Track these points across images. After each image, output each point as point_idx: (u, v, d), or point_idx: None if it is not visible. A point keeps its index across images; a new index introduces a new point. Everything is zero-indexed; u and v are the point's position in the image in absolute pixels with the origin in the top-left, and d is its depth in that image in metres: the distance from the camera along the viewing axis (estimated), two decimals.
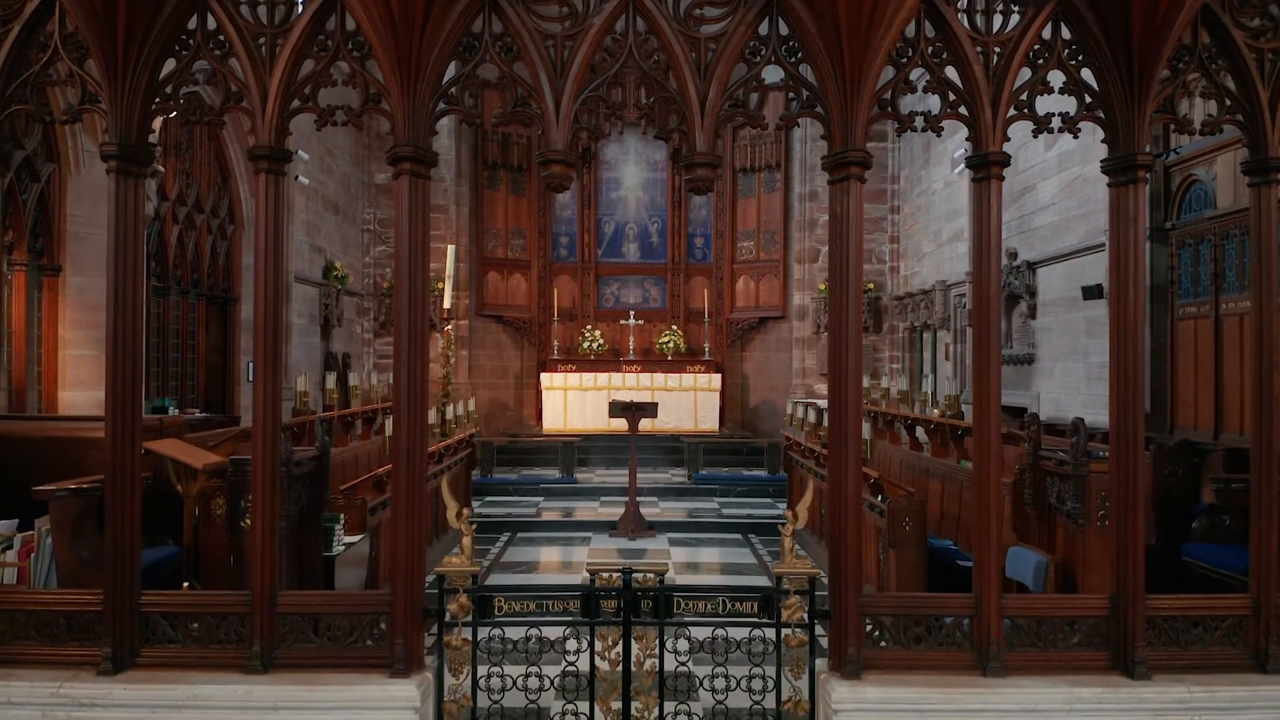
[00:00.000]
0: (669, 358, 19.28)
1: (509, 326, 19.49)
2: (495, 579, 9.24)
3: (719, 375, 18.80)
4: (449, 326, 15.01)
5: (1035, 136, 4.28)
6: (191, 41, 4.18)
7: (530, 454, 16.07)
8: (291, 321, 14.58)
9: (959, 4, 4.21)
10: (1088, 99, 4.26)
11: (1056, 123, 4.28)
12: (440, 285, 16.34)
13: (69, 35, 4.18)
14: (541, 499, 13.36)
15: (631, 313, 19.59)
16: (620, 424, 12.04)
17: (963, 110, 4.22)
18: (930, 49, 4.21)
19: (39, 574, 5.54)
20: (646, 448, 15.64)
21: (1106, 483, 4.97)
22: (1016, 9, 4.21)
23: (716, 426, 18.08)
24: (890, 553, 7.32)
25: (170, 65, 4.23)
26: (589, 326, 19.59)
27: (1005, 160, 4.20)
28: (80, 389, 9.38)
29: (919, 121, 4.27)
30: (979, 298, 4.27)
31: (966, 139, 4.23)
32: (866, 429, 8.44)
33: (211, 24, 4.15)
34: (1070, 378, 11.23)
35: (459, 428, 11.07)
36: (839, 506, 4.22)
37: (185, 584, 6.08)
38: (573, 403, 18.02)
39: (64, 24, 4.18)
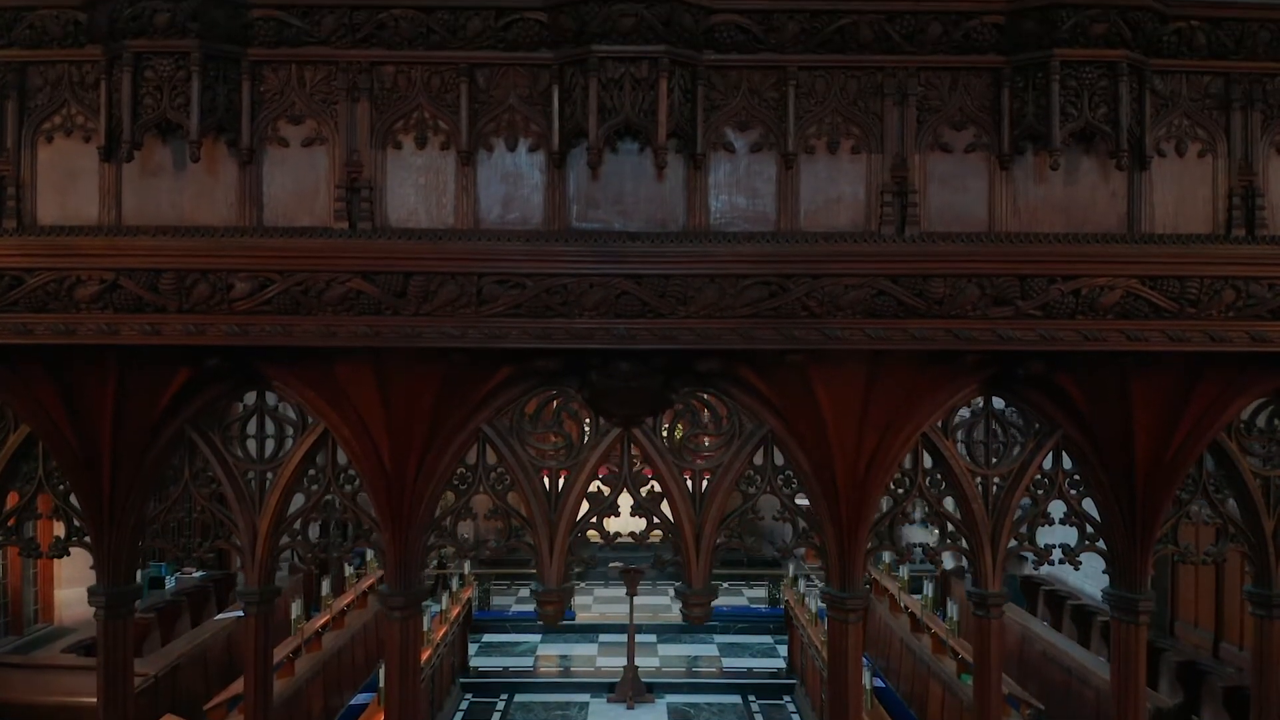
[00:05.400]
0: None
1: None
2: None
3: None
4: None
5: (1036, 569, 4.23)
6: (180, 477, 4.12)
7: (528, 568, 16.03)
8: None
9: (957, 436, 4.15)
10: (1089, 529, 4.21)
11: (1057, 554, 4.23)
12: None
13: (53, 469, 4.13)
14: (539, 639, 13.34)
15: None
16: (621, 525, 11.89)
17: (963, 543, 4.16)
18: (928, 480, 4.15)
19: None
20: (644, 557, 15.59)
21: None
22: (1018, 441, 4.15)
23: None
24: None
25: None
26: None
27: (1006, 598, 4.14)
28: (75, 585, 9.36)
29: (918, 553, 4.23)
30: None
31: (966, 570, 4.18)
32: (867, 669, 8.35)
33: (200, 461, 4.10)
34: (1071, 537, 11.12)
35: (456, 601, 11.03)
36: None
37: None
38: None
39: (47, 459, 4.13)
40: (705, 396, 4.08)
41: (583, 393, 3.94)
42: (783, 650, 12.71)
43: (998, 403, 4.13)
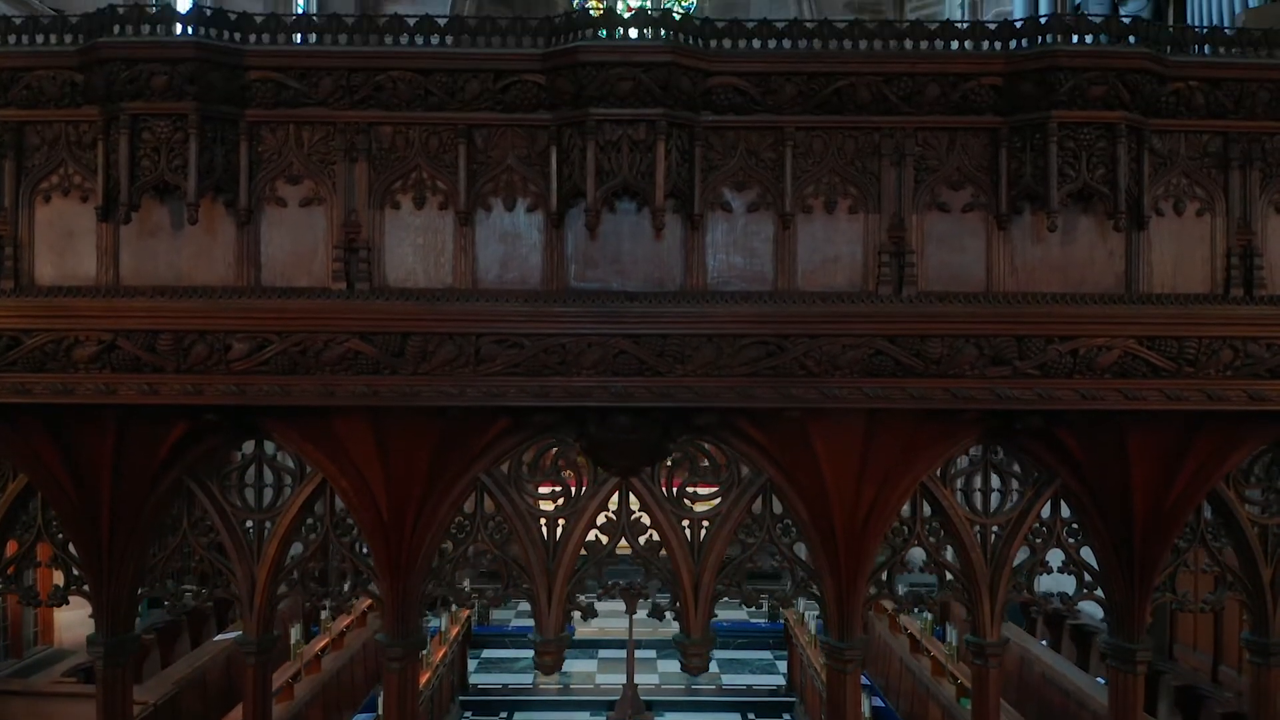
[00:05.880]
0: None
1: None
2: None
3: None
4: None
5: (1034, 617, 4.23)
6: (178, 526, 4.11)
7: None
8: None
9: (955, 484, 4.15)
10: (1087, 577, 4.21)
11: (1056, 601, 4.23)
12: None
13: (51, 518, 4.13)
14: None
15: None
16: None
17: (961, 592, 4.15)
18: (926, 529, 4.14)
19: None
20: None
21: None
22: (1016, 489, 4.14)
23: None
24: None
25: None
26: None
27: (1004, 647, 4.14)
28: (75, 607, 9.30)
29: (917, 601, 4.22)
30: None
31: (965, 618, 4.18)
32: (866, 690, 8.35)
33: (198, 510, 4.09)
34: (1069, 585, 11.13)
35: (456, 621, 11.03)
36: None
37: None
38: None
39: (46, 508, 4.12)
40: (704, 445, 4.08)
41: (581, 443, 3.93)
42: (782, 667, 12.71)
43: (996, 451, 4.13)
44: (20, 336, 3.33)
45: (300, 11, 17.61)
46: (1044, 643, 9.99)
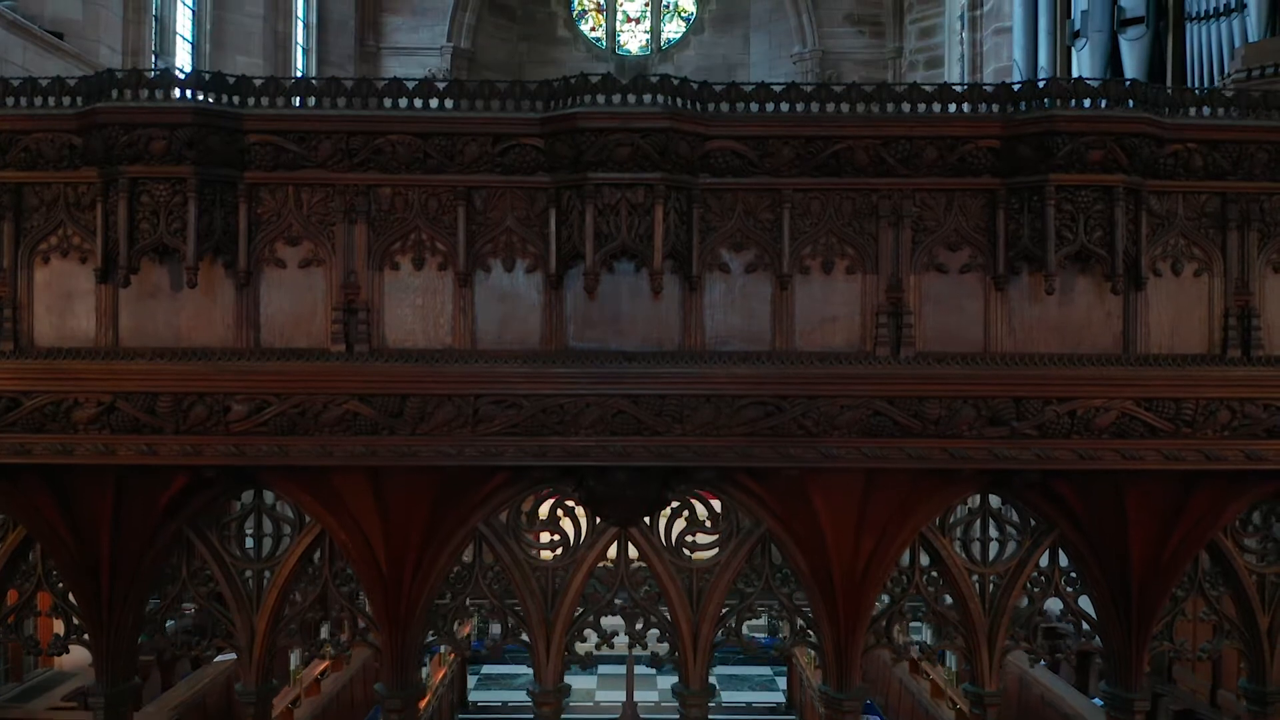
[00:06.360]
0: None
1: None
2: None
3: None
4: None
5: (1031, 667, 4.23)
6: (178, 576, 4.12)
7: None
8: None
9: (955, 534, 4.15)
10: (1085, 626, 4.21)
11: (1055, 645, 4.23)
12: None
13: (51, 568, 4.13)
14: None
15: None
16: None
17: (960, 642, 4.16)
18: (925, 578, 4.15)
19: None
20: None
21: None
22: (1014, 538, 4.15)
23: None
24: None
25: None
26: None
27: (1002, 697, 4.14)
28: None
29: (915, 650, 4.23)
30: None
31: (964, 666, 4.18)
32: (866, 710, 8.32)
33: (197, 560, 4.10)
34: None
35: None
36: None
37: None
38: None
39: (46, 558, 4.12)
40: (703, 494, 4.09)
41: (580, 494, 3.94)
42: (782, 683, 12.71)
43: (994, 500, 4.14)
44: (20, 398, 3.33)
45: (301, 51, 17.60)
46: (1042, 663, 10.00)
